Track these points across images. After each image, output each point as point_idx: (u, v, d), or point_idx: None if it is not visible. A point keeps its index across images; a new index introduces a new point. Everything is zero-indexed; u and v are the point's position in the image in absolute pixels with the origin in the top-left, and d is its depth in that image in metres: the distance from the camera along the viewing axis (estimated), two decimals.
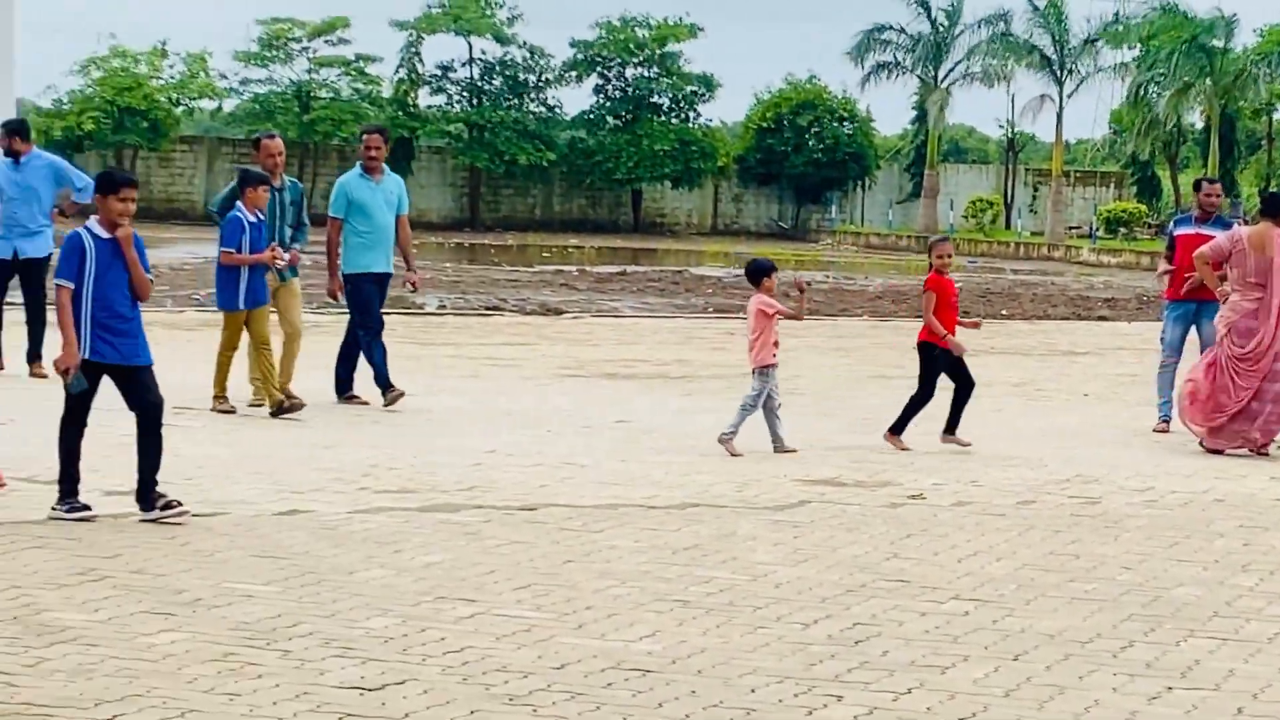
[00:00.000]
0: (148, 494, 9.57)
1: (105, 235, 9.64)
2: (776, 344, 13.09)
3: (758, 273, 13.20)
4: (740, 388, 17.68)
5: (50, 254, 16.53)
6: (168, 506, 9.52)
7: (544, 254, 51.68)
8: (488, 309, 27.83)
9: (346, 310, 15.40)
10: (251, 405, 14.16)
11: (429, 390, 15.29)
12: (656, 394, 16.89)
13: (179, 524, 9.40)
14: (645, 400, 16.29)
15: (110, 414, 9.86)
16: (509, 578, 8.54)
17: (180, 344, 18.97)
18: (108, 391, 9.62)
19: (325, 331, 18.57)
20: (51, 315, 19.76)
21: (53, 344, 16.86)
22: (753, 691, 6.77)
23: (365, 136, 15.46)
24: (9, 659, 6.79)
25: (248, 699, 6.43)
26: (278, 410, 13.77)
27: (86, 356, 9.54)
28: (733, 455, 12.71)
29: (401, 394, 14.61)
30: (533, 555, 9.09)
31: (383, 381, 14.73)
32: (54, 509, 9.55)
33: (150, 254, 10.06)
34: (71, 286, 9.58)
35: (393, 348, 15.42)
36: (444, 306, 27.59)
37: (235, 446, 12.15)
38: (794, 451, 12.88)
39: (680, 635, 7.57)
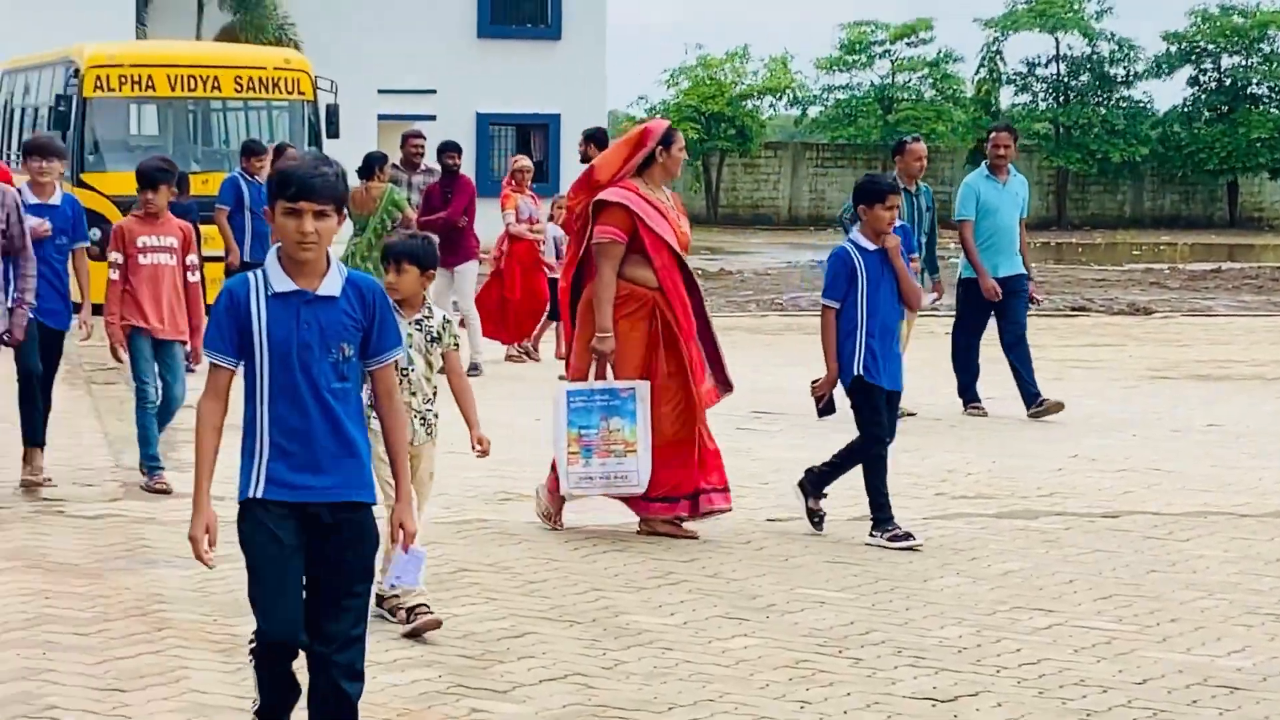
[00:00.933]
0: (881, 515, 9.17)
1: (871, 247, 9.23)
2: None
3: None
4: None
5: None
6: (895, 538, 9.07)
7: (1133, 252, 50.27)
8: (1073, 309, 27.22)
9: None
10: None
11: (1011, 395, 14.98)
12: (1252, 396, 16.13)
13: (906, 548, 9.05)
14: (1239, 402, 15.59)
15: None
16: (1089, 587, 8.27)
17: (761, 347, 19.22)
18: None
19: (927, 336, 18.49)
20: None
21: None
22: None
23: (993, 135, 15.05)
24: (588, 660, 6.94)
25: (818, 707, 6.39)
26: None
27: (858, 374, 9.15)
28: None
29: (1049, 407, 14.14)
30: (1115, 564, 8.78)
31: (1030, 395, 14.38)
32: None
33: (734, 260, 10.13)
34: (836, 306, 9.19)
35: None
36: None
37: (812, 450, 12.16)
38: None
39: (1272, 651, 7.18)
